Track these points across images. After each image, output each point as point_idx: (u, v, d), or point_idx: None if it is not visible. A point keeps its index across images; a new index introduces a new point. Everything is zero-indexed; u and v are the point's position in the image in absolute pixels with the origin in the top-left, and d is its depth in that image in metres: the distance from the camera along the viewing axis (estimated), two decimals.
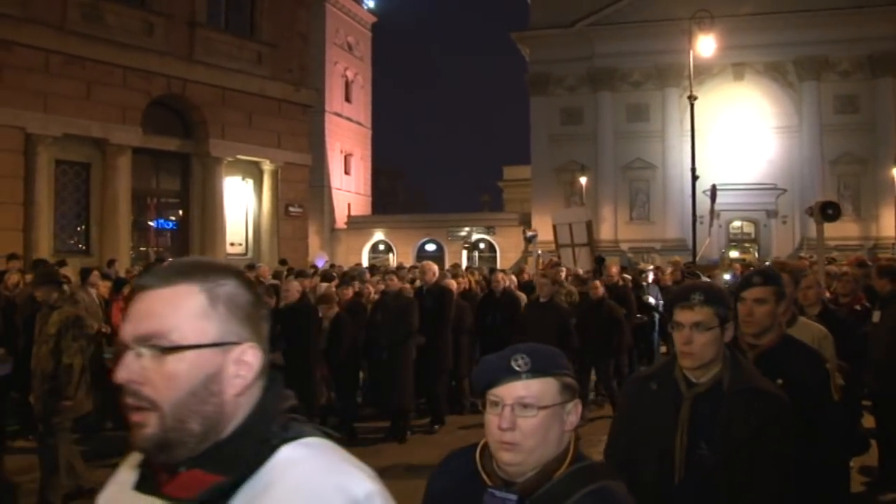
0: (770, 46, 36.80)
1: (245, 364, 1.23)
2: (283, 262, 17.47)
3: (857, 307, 7.64)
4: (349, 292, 10.20)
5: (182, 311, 1.21)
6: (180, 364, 1.19)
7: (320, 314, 9.05)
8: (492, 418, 1.80)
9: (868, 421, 7.00)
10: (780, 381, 3.07)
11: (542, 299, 8.95)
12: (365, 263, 33.94)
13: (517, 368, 1.78)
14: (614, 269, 13.09)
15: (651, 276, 14.26)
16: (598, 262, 14.83)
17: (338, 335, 9.02)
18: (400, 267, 16.43)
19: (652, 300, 13.12)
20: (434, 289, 9.97)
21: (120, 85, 16.88)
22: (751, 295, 3.37)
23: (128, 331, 1.22)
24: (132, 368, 1.19)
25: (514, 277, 12.83)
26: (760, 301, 3.33)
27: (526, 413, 1.77)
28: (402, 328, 9.08)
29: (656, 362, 3.48)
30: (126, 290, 9.83)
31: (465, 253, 40.52)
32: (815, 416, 3.09)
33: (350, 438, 8.81)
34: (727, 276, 13.19)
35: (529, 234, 12.87)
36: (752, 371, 2.78)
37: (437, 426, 9.59)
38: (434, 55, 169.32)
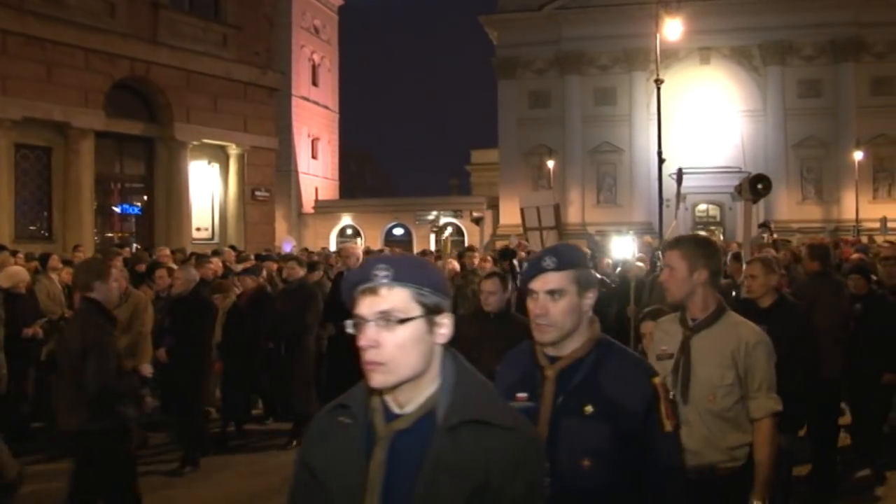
0: (735, 31, 37.11)
1: None
2: (232, 248, 15.98)
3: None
4: (250, 282, 8.91)
5: None
6: None
7: (217, 305, 8.21)
8: None
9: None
10: (588, 409, 2.26)
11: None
12: (332, 248, 33.81)
13: None
14: None
15: None
16: (504, 257, 12.04)
17: (231, 327, 8.28)
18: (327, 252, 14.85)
19: None
20: None
21: (82, 67, 16.59)
22: (542, 285, 2.34)
23: None
24: None
25: (455, 263, 11.56)
26: (556, 293, 2.32)
27: None
28: (299, 322, 8.37)
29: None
30: None
31: (433, 237, 40.50)
32: (638, 455, 2.27)
33: (239, 441, 8.40)
34: None
35: (476, 215, 12.28)
36: (485, 392, 1.75)
37: None
38: (401, 38, 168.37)
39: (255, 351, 8.39)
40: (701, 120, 37.78)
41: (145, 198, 19.07)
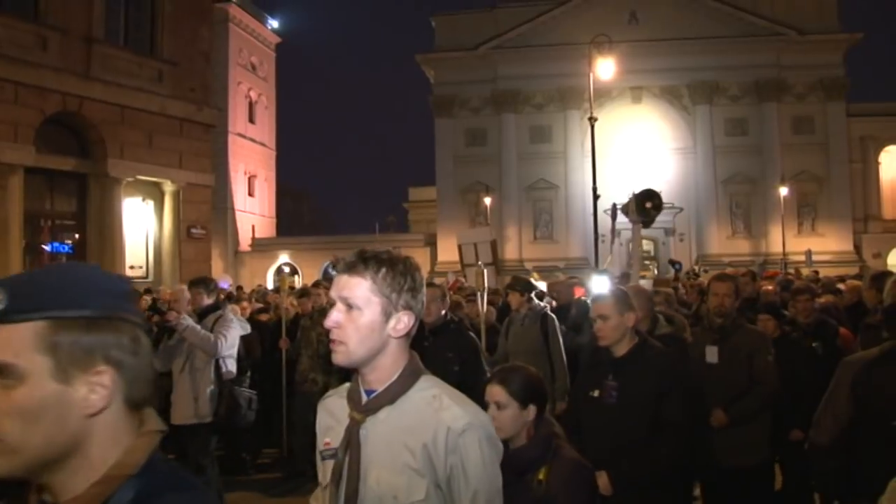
0: (665, 71, 38.32)
1: None
2: (147, 290, 14.27)
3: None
4: None
5: None
6: None
7: None
8: None
9: None
10: None
11: None
12: (269, 286, 33.43)
13: None
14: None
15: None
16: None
17: None
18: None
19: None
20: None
21: (11, 101, 16.20)
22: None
23: None
24: None
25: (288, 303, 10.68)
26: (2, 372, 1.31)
27: None
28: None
29: None
30: None
31: None
32: None
33: None
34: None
35: (331, 263, 11.71)
36: None
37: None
38: (339, 76, 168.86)
39: None
40: (634, 157, 38.70)
41: (77, 235, 18.59)
